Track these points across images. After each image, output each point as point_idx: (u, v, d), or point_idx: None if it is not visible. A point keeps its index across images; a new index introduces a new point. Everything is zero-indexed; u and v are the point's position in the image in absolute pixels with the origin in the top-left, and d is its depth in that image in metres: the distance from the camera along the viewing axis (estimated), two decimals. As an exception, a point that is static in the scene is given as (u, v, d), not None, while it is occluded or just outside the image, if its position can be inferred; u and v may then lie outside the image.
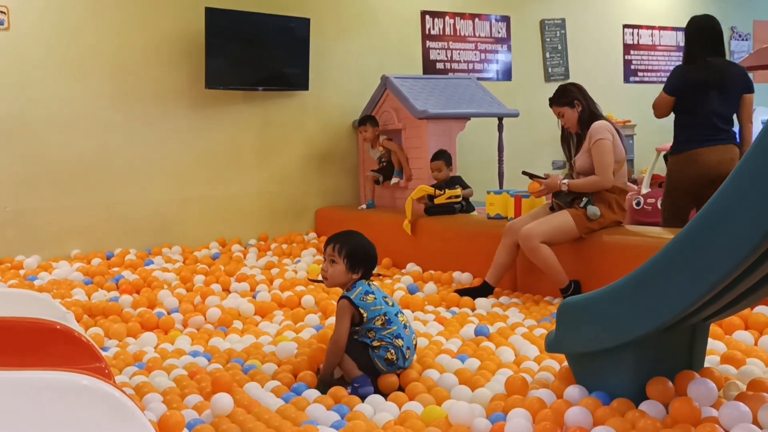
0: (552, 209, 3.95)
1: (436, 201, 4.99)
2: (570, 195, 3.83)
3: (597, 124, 3.79)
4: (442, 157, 5.17)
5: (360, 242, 2.76)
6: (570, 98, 3.88)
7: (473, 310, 3.68)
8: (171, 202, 5.85)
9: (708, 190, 3.85)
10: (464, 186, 5.19)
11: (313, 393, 2.44)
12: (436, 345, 2.96)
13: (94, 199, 5.56)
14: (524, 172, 4.08)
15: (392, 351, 2.58)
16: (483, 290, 3.95)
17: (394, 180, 5.79)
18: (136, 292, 4.20)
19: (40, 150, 5.37)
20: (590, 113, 3.87)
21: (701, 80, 4.06)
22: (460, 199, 5.04)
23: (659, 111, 4.31)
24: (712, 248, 1.78)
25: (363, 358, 2.60)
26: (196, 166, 5.95)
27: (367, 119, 5.94)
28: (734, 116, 4.13)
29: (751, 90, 4.08)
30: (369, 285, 2.70)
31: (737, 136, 4.14)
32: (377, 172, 5.92)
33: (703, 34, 4.20)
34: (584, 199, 3.77)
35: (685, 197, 4.17)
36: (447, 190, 5.02)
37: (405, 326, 2.66)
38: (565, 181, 3.84)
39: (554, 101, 3.97)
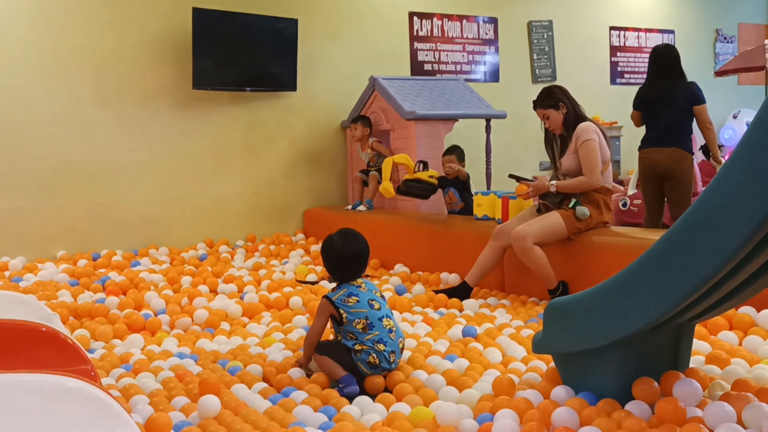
0: (539, 211, 3.97)
1: (416, 175, 4.90)
2: (558, 196, 3.85)
3: (583, 125, 3.81)
4: (455, 151, 5.15)
5: (331, 251, 2.77)
6: (555, 100, 3.90)
7: (461, 311, 3.68)
8: (158, 202, 5.82)
9: (654, 183, 4.89)
10: (467, 189, 5.15)
11: (301, 395, 2.44)
12: (424, 346, 2.97)
13: (79, 200, 5.53)
14: (511, 175, 4.09)
15: (374, 355, 2.58)
16: (461, 291, 3.95)
17: (361, 208, 5.73)
18: (122, 293, 4.18)
19: (25, 150, 5.33)
20: (575, 115, 3.89)
21: (649, 98, 4.98)
22: (436, 183, 4.94)
23: (634, 122, 5.21)
24: (697, 249, 1.80)
25: (346, 360, 2.61)
26: (183, 167, 5.93)
27: (358, 118, 5.92)
28: (693, 124, 4.94)
29: (698, 102, 4.83)
30: (356, 287, 2.70)
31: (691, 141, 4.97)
32: (364, 173, 5.93)
33: (658, 60, 4.99)
34: (573, 200, 3.79)
35: (644, 188, 5.06)
36: (431, 169, 5.00)
37: (390, 330, 2.64)
38: (553, 182, 3.85)
39: (539, 103, 3.98)
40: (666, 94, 4.87)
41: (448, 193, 5.19)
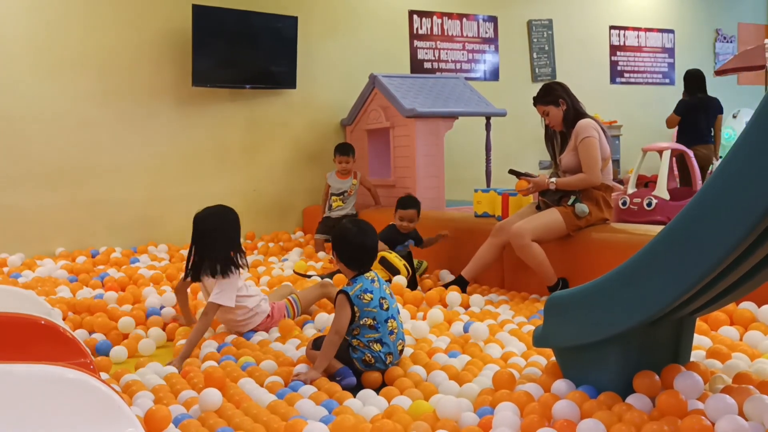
0: (538, 208, 3.96)
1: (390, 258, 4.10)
2: (558, 193, 3.84)
3: (583, 122, 3.80)
4: (416, 205, 4.33)
5: (344, 237, 2.72)
6: (555, 97, 3.89)
7: (467, 307, 3.66)
8: (157, 200, 5.82)
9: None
10: (418, 241, 4.39)
11: (308, 389, 2.42)
12: (426, 342, 2.96)
13: (79, 197, 5.52)
14: (511, 171, 4.08)
15: (369, 355, 2.58)
16: (458, 285, 3.92)
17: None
18: (121, 289, 4.17)
19: (24, 147, 5.33)
20: (575, 111, 3.88)
21: (690, 106, 6.71)
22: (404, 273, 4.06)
23: (671, 125, 6.89)
24: (697, 243, 1.79)
25: (344, 356, 2.61)
26: (182, 165, 5.92)
27: (349, 149, 5.58)
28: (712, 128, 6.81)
29: (721, 112, 6.78)
30: (371, 281, 2.66)
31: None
32: (324, 234, 5.42)
33: (691, 79, 6.79)
34: (572, 197, 3.78)
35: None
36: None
37: (392, 332, 2.63)
38: (553, 180, 3.84)
39: (539, 100, 3.97)
40: (704, 105, 6.67)
41: (408, 247, 4.37)
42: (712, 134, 6.76)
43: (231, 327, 3.21)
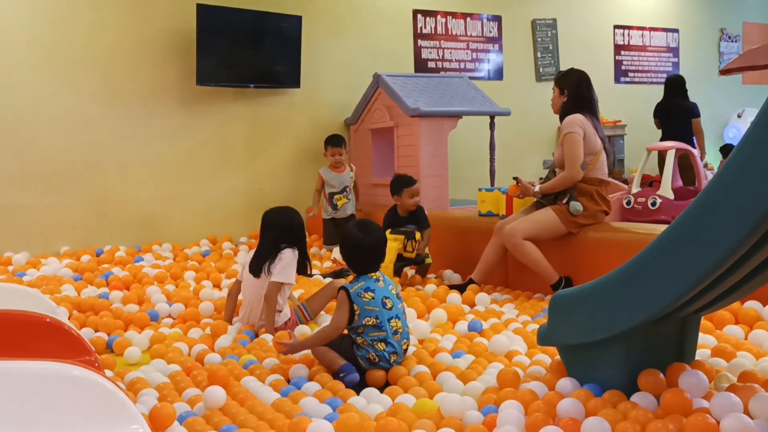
0: (537, 207, 3.96)
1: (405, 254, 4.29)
2: (552, 192, 3.85)
3: (568, 118, 3.81)
4: (416, 180, 4.40)
5: (350, 242, 2.74)
6: (565, 83, 3.91)
7: (472, 306, 3.67)
8: (161, 199, 5.83)
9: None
10: (423, 224, 4.37)
11: (312, 387, 2.43)
12: (432, 342, 2.96)
13: (83, 196, 5.54)
14: (514, 178, 4.09)
15: (373, 353, 2.58)
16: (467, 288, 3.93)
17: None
18: (125, 288, 4.18)
19: (29, 147, 5.34)
20: (571, 107, 3.86)
21: (665, 110, 7.03)
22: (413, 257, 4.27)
23: (657, 127, 7.17)
24: (701, 241, 1.79)
25: (348, 354, 2.61)
26: (186, 164, 5.93)
27: (341, 140, 5.44)
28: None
29: (696, 116, 6.93)
30: (374, 281, 2.67)
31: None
32: (334, 244, 5.22)
33: (670, 84, 7.07)
34: (568, 195, 3.78)
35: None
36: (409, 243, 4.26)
37: (396, 332, 2.63)
38: (537, 188, 3.86)
39: (556, 78, 4.02)
40: (675, 109, 6.91)
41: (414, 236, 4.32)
42: (692, 136, 6.96)
43: (255, 319, 3.29)
